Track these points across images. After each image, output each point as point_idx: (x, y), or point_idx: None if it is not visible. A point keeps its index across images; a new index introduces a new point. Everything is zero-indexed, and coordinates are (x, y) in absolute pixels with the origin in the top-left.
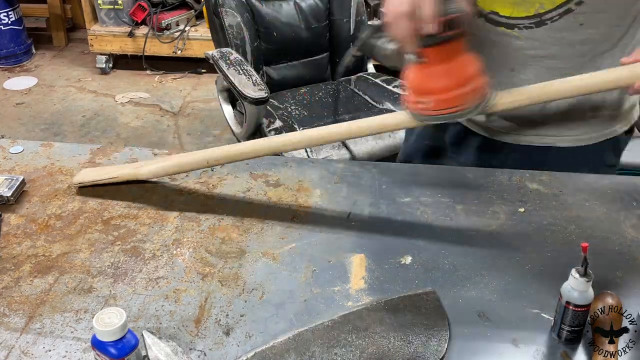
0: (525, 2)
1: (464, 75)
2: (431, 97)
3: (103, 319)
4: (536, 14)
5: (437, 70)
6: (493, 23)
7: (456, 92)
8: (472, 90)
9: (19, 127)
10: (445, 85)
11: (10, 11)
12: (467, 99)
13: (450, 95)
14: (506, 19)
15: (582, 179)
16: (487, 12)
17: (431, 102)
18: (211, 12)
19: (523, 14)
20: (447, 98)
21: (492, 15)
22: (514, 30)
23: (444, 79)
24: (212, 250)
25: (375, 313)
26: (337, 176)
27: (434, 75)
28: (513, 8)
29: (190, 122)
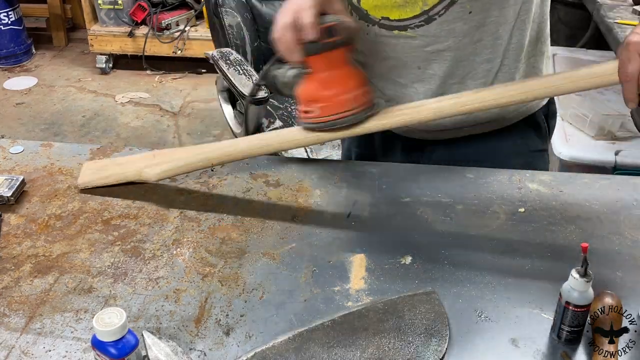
0: (408, 2)
1: (348, 83)
2: (317, 104)
3: (103, 319)
4: (422, 12)
5: (322, 77)
6: (387, 28)
7: (340, 98)
8: (355, 96)
9: (19, 127)
10: (330, 92)
11: (10, 11)
12: (351, 105)
13: (334, 101)
14: (397, 22)
15: (582, 179)
16: (378, 19)
17: (317, 109)
18: (211, 12)
19: (410, 14)
20: (331, 104)
21: (384, 21)
22: (407, 31)
23: (328, 86)
24: (212, 250)
25: (375, 313)
26: (337, 176)
27: (319, 83)
28: (400, 10)
29: (190, 122)
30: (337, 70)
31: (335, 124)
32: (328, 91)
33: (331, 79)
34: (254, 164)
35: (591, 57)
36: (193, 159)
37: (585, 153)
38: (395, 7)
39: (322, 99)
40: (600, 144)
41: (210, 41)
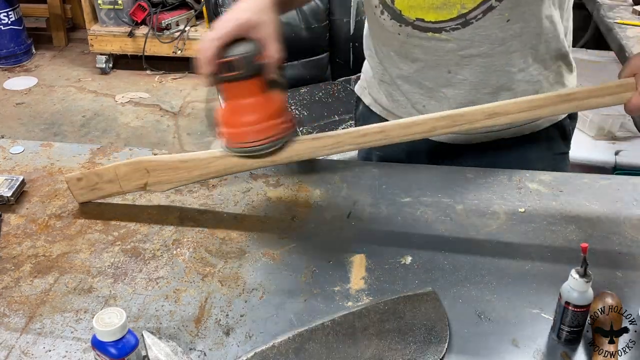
0: (446, 5)
1: (254, 114)
2: (226, 129)
3: (103, 319)
4: (459, 15)
5: (230, 105)
6: (421, 29)
7: (243, 130)
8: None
9: (19, 127)
10: (234, 121)
11: (10, 11)
12: (253, 137)
13: (237, 131)
14: (432, 23)
15: (582, 179)
16: (412, 20)
17: (225, 134)
18: (211, 12)
19: (447, 17)
20: (237, 132)
21: (418, 22)
22: (441, 33)
23: (233, 115)
24: (212, 250)
25: (375, 313)
26: (337, 176)
27: (227, 109)
28: (436, 12)
29: (190, 122)
30: (245, 100)
31: (237, 151)
32: (235, 119)
33: (237, 109)
34: None
35: (591, 57)
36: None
37: (585, 153)
38: (432, 8)
39: (227, 125)
40: (600, 144)
41: None
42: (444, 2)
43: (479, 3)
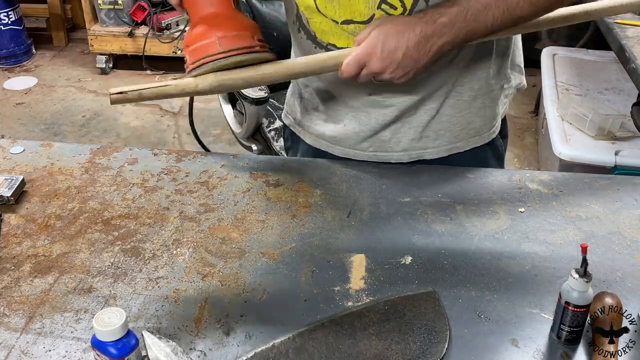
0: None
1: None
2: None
3: (103, 319)
4: None
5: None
6: None
7: (212, 39)
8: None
9: (19, 127)
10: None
11: (10, 11)
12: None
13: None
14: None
15: (582, 179)
16: (325, 44)
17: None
18: None
19: None
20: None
21: (331, 47)
22: None
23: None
24: (212, 250)
25: (375, 313)
26: (337, 176)
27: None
28: (349, 40)
29: None
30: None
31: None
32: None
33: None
34: (254, 164)
35: (591, 57)
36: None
37: (585, 153)
38: (344, 36)
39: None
40: (600, 144)
41: None
42: (354, 30)
43: None
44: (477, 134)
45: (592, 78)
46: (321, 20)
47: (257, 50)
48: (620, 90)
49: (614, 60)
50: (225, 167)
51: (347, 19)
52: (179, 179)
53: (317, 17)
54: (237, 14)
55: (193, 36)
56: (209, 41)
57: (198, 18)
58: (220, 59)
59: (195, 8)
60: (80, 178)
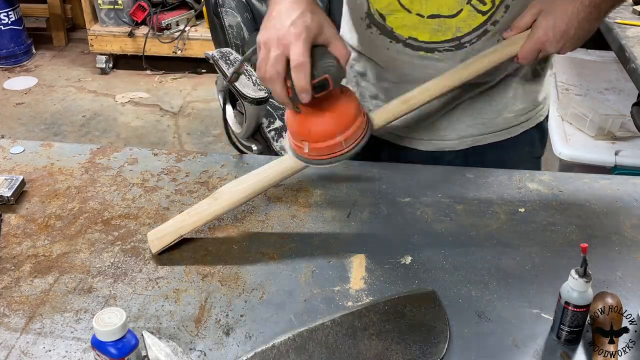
0: (441, 27)
1: (338, 123)
2: (306, 143)
3: (103, 319)
4: (454, 38)
5: (312, 120)
6: (412, 48)
7: (329, 143)
8: (345, 138)
9: (19, 127)
10: (319, 134)
11: (10, 11)
12: (340, 146)
13: (324, 144)
14: (425, 43)
15: (582, 178)
16: (405, 38)
17: (307, 147)
18: (211, 12)
19: (441, 39)
20: (319, 147)
21: (411, 41)
22: (434, 53)
23: (318, 129)
24: (212, 250)
25: (375, 313)
26: (337, 176)
27: (309, 124)
28: (431, 34)
29: (190, 122)
30: (327, 112)
31: (323, 163)
32: (316, 132)
33: (320, 121)
34: (253, 163)
35: (592, 57)
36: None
37: (585, 153)
38: (428, 30)
39: (311, 139)
40: (600, 144)
41: (210, 41)
42: (439, 24)
43: (474, 27)
44: (528, 117)
45: (592, 78)
46: (404, 15)
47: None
48: (620, 90)
49: (614, 60)
50: (225, 167)
51: (434, 13)
52: (179, 179)
53: (400, 13)
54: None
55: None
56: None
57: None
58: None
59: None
60: (80, 178)
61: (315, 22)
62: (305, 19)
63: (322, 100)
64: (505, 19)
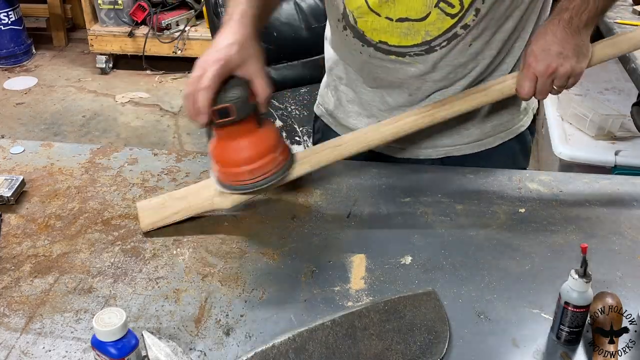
0: (410, 31)
1: (247, 153)
2: (218, 167)
3: (103, 319)
4: (424, 42)
5: (223, 144)
6: (383, 52)
7: (237, 170)
8: (256, 168)
9: (19, 127)
10: (228, 160)
11: (10, 11)
12: (248, 175)
13: (232, 171)
14: (396, 47)
15: (582, 179)
16: (375, 42)
17: (218, 172)
18: (211, 12)
19: (411, 42)
20: (230, 172)
21: (381, 45)
22: (405, 57)
23: (227, 155)
24: (212, 250)
25: (375, 313)
26: (337, 176)
27: (221, 148)
28: (400, 37)
29: (190, 122)
30: (239, 140)
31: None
32: (226, 159)
33: (230, 149)
34: None
35: None
36: None
37: (585, 153)
38: (397, 34)
39: (221, 164)
40: (600, 144)
41: (210, 41)
42: (408, 28)
43: (443, 31)
44: (506, 128)
45: (592, 78)
46: (373, 19)
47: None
48: (620, 90)
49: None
50: None
51: (402, 16)
52: (179, 179)
53: (369, 16)
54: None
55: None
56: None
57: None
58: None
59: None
60: (80, 178)
61: (239, 55)
62: (231, 49)
63: (235, 129)
64: (476, 23)
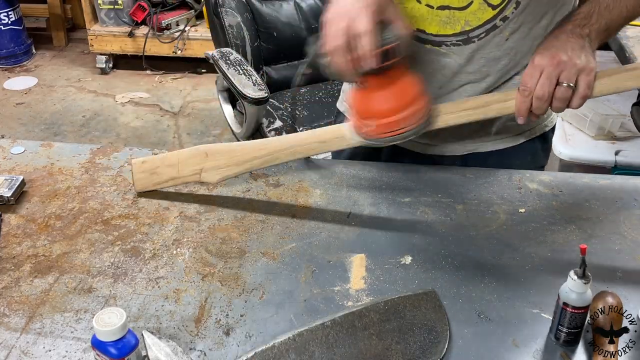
0: (451, 20)
1: (405, 99)
2: (374, 121)
3: (103, 319)
4: (462, 32)
5: (379, 95)
6: (420, 41)
7: (397, 117)
8: (412, 113)
9: (19, 127)
10: (387, 109)
11: (10, 11)
12: (408, 122)
13: (391, 119)
14: (433, 36)
15: (582, 178)
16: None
17: (374, 125)
18: (211, 12)
19: (450, 32)
20: (388, 122)
21: (419, 33)
22: (441, 47)
23: (385, 104)
24: (212, 250)
25: (375, 313)
26: (337, 176)
27: (376, 100)
28: (439, 26)
29: (190, 122)
30: (394, 86)
31: (390, 140)
32: (384, 109)
33: (387, 96)
34: None
35: None
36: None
37: (585, 153)
38: (436, 22)
39: (378, 115)
40: (600, 144)
41: (210, 41)
42: (448, 17)
43: (483, 22)
44: (531, 127)
45: None
46: (413, 6)
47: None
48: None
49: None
50: None
51: (443, 4)
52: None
53: (409, 2)
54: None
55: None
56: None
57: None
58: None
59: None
60: (80, 178)
61: (380, 2)
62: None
63: (388, 77)
64: (515, 16)
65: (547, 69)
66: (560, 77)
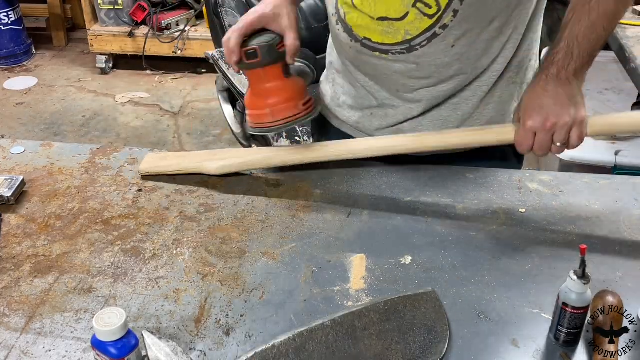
0: (391, 29)
1: (277, 96)
2: (249, 111)
3: (103, 319)
4: (404, 41)
5: (254, 89)
6: (369, 48)
7: (265, 111)
8: (282, 108)
9: (19, 127)
10: (258, 103)
11: (10, 11)
12: (275, 117)
13: (261, 112)
14: (379, 45)
15: (582, 179)
16: (361, 38)
17: (249, 116)
18: (211, 12)
19: (392, 41)
20: (258, 114)
21: (366, 41)
22: (388, 55)
23: (257, 98)
24: (212, 250)
25: (375, 313)
26: (337, 176)
27: (252, 94)
28: (383, 36)
29: (190, 122)
30: (266, 84)
31: (255, 131)
32: (257, 102)
33: (260, 92)
34: None
35: None
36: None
37: (585, 153)
38: (379, 31)
39: (251, 107)
40: (600, 144)
41: (210, 41)
42: (388, 27)
43: (422, 30)
44: None
45: (592, 78)
46: (357, 15)
47: (300, 116)
48: (620, 90)
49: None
50: None
51: (382, 15)
52: (178, 178)
53: (354, 12)
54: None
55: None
56: (262, 112)
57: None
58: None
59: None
60: (80, 178)
61: (272, 12)
62: (266, 7)
63: (263, 73)
64: (457, 24)
65: (540, 134)
66: (554, 138)
